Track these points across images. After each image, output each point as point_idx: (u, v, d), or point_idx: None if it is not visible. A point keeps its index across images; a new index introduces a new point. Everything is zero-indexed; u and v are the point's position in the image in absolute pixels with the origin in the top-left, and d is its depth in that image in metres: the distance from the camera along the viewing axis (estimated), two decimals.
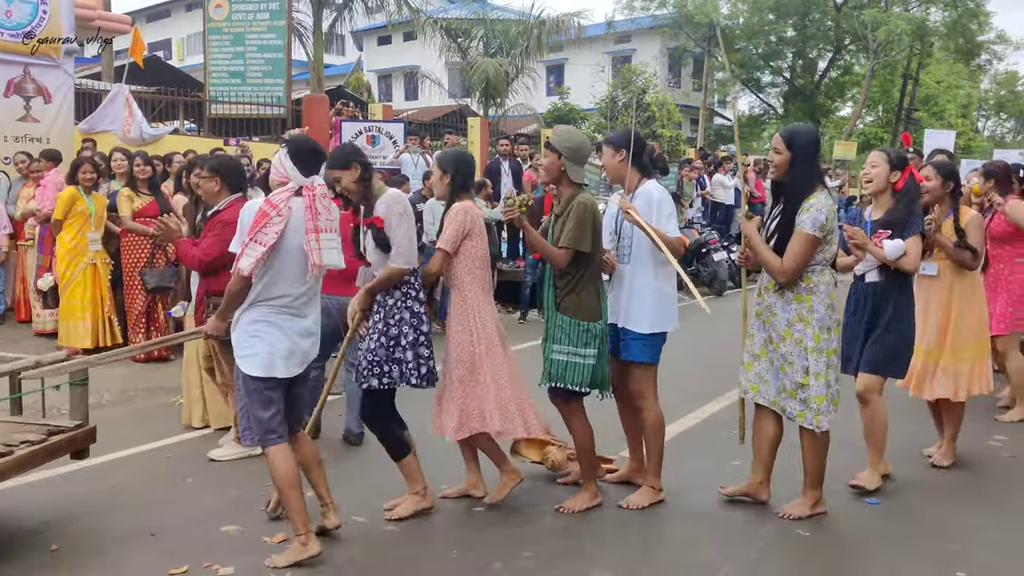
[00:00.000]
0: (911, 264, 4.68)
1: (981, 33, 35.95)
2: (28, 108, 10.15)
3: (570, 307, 4.38)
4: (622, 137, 4.67)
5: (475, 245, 4.47)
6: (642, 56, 37.15)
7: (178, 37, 44.68)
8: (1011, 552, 4.14)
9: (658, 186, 4.65)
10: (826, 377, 4.28)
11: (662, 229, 4.50)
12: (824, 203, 4.25)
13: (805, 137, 4.34)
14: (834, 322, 4.34)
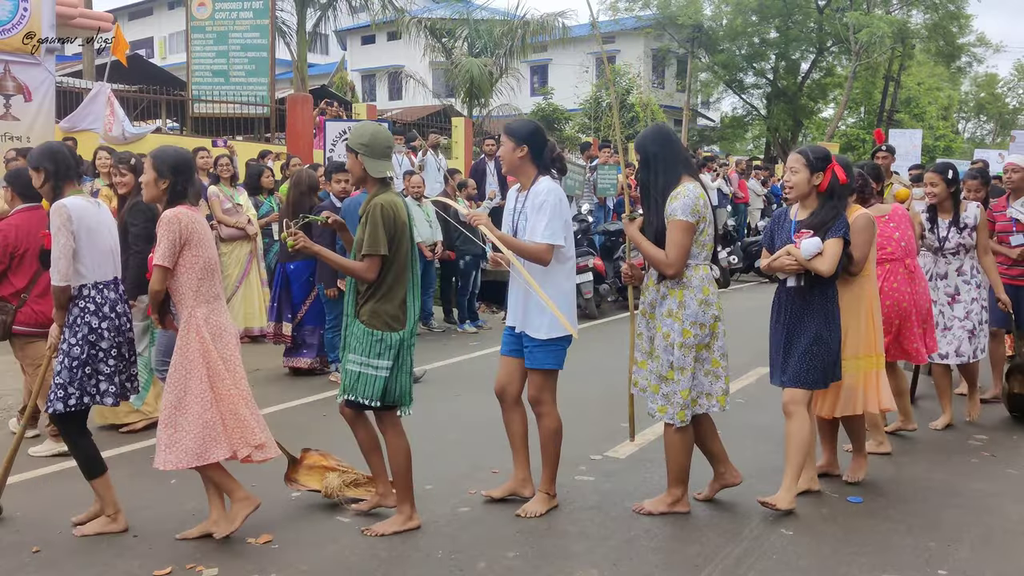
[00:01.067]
0: (825, 266, 4.42)
1: (962, 36, 36.29)
2: (8, 106, 10.08)
3: (365, 315, 4.16)
4: (524, 130, 4.47)
5: (195, 255, 4.08)
6: (626, 57, 37.22)
7: (160, 35, 44.44)
8: (991, 550, 4.18)
9: (550, 185, 4.43)
10: (692, 372, 4.31)
11: (536, 233, 4.34)
12: (692, 191, 4.29)
13: (654, 139, 4.44)
14: (711, 317, 4.32)
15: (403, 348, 4.17)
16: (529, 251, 4.35)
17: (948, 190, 6.08)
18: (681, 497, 4.52)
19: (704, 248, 4.36)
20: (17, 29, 9.95)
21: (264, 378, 7.89)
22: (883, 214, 5.48)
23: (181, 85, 17.19)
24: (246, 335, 9.09)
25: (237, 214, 8.98)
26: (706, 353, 4.36)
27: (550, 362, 4.45)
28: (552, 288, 4.36)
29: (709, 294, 4.34)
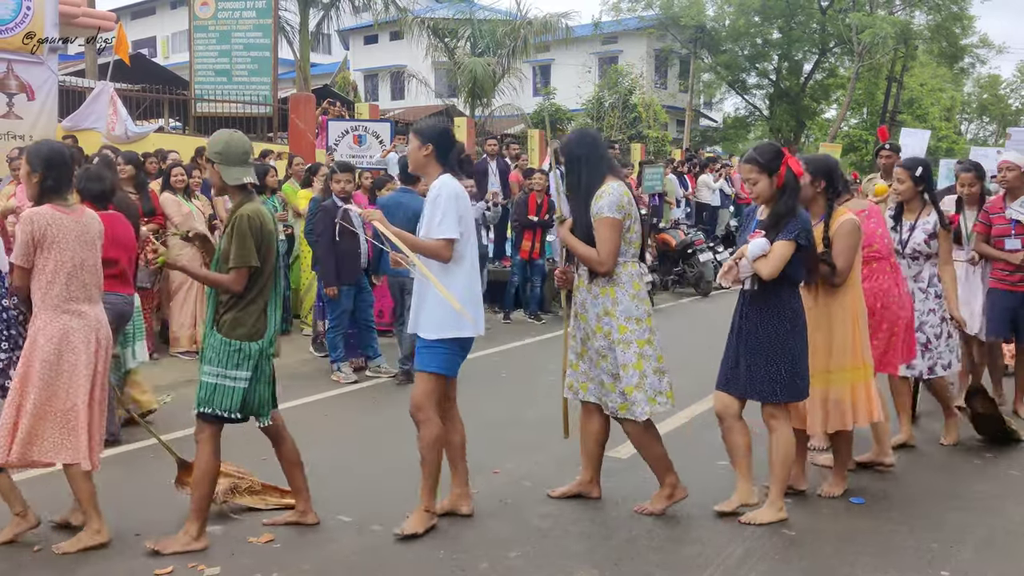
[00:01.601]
0: (765, 269, 4.20)
1: (964, 37, 36.29)
2: (11, 105, 10.06)
3: (224, 325, 4.03)
4: (430, 130, 4.37)
5: (46, 258, 3.95)
6: (628, 57, 37.21)
7: (163, 35, 44.42)
8: (994, 551, 4.18)
9: (445, 179, 4.28)
10: (639, 367, 4.31)
11: (431, 229, 4.22)
12: (616, 188, 4.31)
13: (579, 142, 4.49)
14: (643, 312, 4.34)
15: (262, 358, 4.08)
16: (426, 248, 4.24)
17: (915, 188, 5.57)
18: (676, 484, 4.53)
19: (632, 245, 4.38)
20: (20, 28, 9.93)
21: None
22: (862, 209, 5.06)
23: (184, 84, 17.20)
24: None
25: None
26: (650, 349, 4.36)
27: (433, 365, 4.24)
28: (450, 288, 4.20)
29: (639, 289, 4.36)
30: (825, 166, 4.65)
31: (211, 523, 4.29)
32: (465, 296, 4.25)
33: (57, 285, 3.99)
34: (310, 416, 6.60)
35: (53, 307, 3.99)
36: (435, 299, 4.20)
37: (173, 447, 4.67)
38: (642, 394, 4.33)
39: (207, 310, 4.17)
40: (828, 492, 4.78)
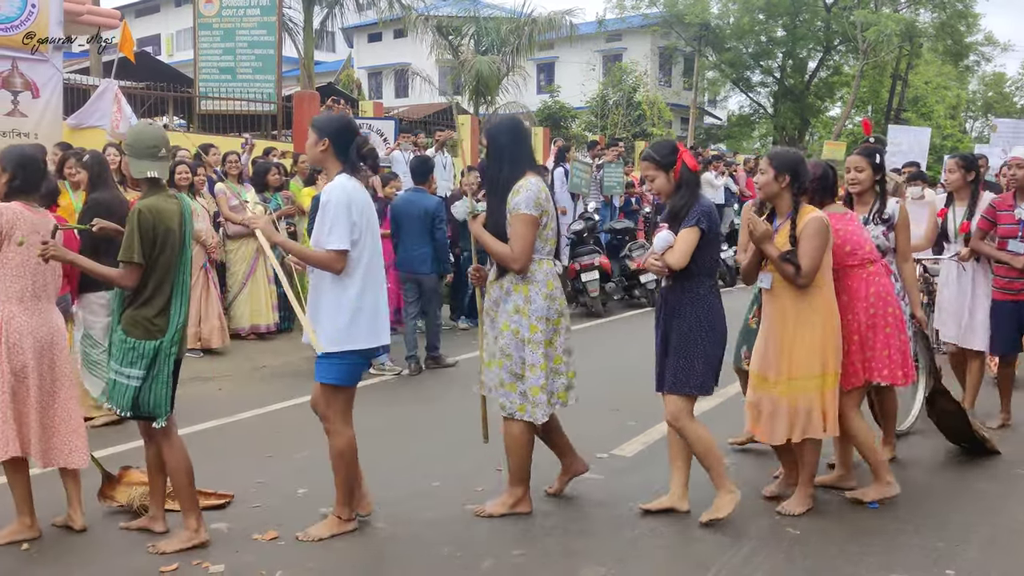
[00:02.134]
0: (672, 259, 4.19)
1: (969, 34, 36.20)
2: (16, 103, 10.07)
3: (124, 322, 3.96)
4: (328, 124, 4.14)
5: (13, 251, 3.97)
6: (633, 55, 37.18)
7: (167, 33, 44.46)
8: (999, 550, 4.17)
9: (339, 182, 4.02)
10: (544, 368, 4.24)
11: (320, 239, 3.98)
12: (534, 184, 4.23)
13: (507, 130, 4.37)
14: (555, 313, 4.28)
15: (160, 357, 3.95)
16: (316, 259, 4.02)
17: (874, 177, 5.12)
18: (523, 497, 4.42)
19: (547, 243, 4.30)
20: (25, 25, 9.94)
21: (270, 375, 7.90)
22: (846, 212, 4.76)
23: (188, 82, 17.20)
24: (252, 332, 9.12)
25: (244, 211, 8.99)
26: (550, 350, 4.30)
27: (331, 376, 4.07)
28: (341, 299, 4.00)
29: (553, 289, 4.28)
30: (790, 161, 4.40)
31: (215, 520, 4.30)
32: (354, 306, 4.01)
33: (20, 280, 4.01)
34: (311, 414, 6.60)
35: (19, 300, 4.02)
36: (329, 310, 4.01)
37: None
38: (545, 396, 4.25)
39: (112, 309, 4.11)
40: (788, 510, 4.48)
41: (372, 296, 4.10)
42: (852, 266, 4.60)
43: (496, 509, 4.41)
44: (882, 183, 5.15)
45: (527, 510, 4.43)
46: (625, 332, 10.26)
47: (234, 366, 8.13)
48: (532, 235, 4.21)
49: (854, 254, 4.59)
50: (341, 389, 4.12)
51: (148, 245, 3.91)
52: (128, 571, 3.86)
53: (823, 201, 4.63)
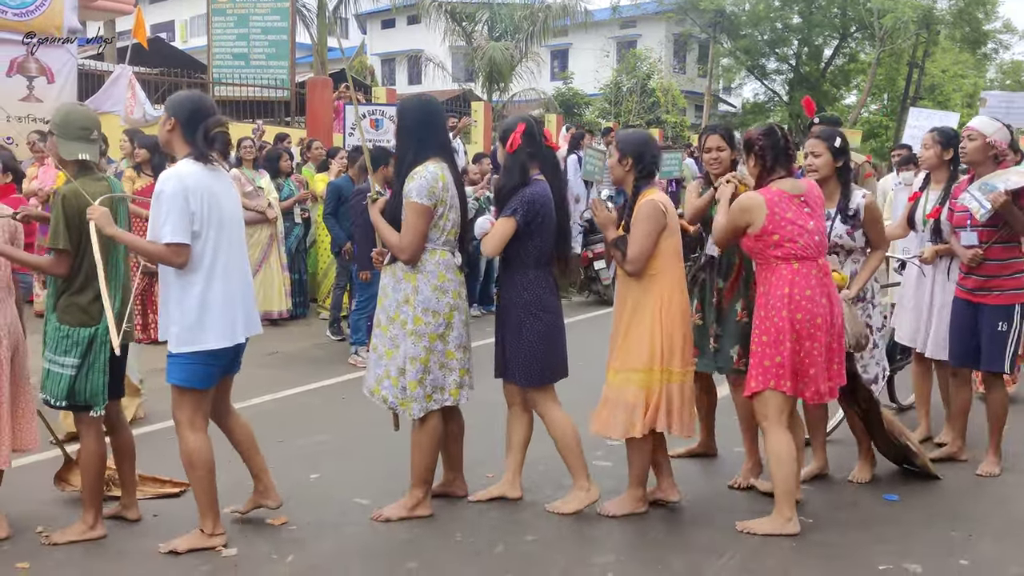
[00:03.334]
0: (485, 247, 4.11)
1: (987, 22, 35.79)
2: (31, 88, 10.12)
3: (59, 309, 3.85)
4: (177, 102, 3.88)
5: None
6: (647, 41, 36.99)
7: (181, 19, 44.49)
8: (1013, 541, 4.14)
9: (177, 173, 3.72)
10: (425, 362, 4.05)
11: (155, 231, 3.71)
12: (431, 172, 4.01)
13: (418, 109, 4.16)
14: (446, 306, 4.06)
15: (95, 344, 3.83)
16: (152, 253, 3.77)
17: (834, 164, 4.59)
18: (423, 499, 4.23)
19: (444, 232, 4.08)
20: (40, 11, 9.98)
21: (282, 360, 7.92)
22: (798, 192, 4.12)
23: (202, 68, 17.22)
24: (265, 318, 9.14)
25: (258, 197, 9.00)
26: (440, 344, 4.08)
27: (178, 377, 3.81)
28: (186, 295, 3.77)
29: (445, 280, 4.07)
30: (634, 143, 4.22)
31: (227, 505, 4.30)
32: (201, 303, 3.76)
33: None
34: (327, 399, 6.63)
35: None
36: (175, 308, 3.78)
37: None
38: (421, 391, 4.06)
39: (47, 295, 3.99)
40: (608, 511, 4.31)
41: (223, 292, 3.81)
42: (776, 258, 4.07)
43: (394, 512, 4.20)
44: (845, 172, 4.65)
45: (426, 513, 4.22)
46: None
47: (246, 351, 8.13)
48: (422, 225, 4.00)
49: (781, 246, 4.05)
50: (189, 391, 3.83)
51: (75, 230, 3.78)
52: (141, 551, 3.88)
53: (772, 170, 4.14)
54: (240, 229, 3.99)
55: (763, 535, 4.04)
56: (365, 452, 5.20)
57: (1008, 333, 4.79)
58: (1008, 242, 4.80)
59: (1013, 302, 4.80)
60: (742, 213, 4.10)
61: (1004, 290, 4.80)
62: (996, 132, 4.85)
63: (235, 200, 4.01)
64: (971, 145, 4.88)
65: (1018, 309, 4.80)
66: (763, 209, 4.04)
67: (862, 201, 4.62)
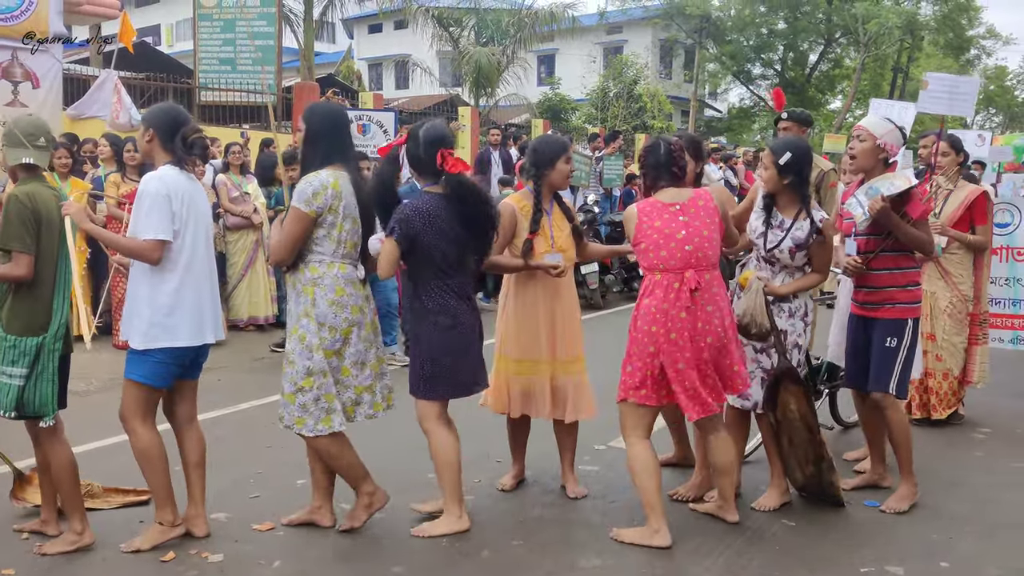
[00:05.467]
0: (380, 271, 4.01)
1: (971, 28, 36.17)
2: (16, 93, 10.09)
3: (4, 317, 3.79)
4: (153, 114, 3.94)
5: None
6: (633, 47, 37.11)
7: (167, 23, 44.35)
8: (993, 542, 4.19)
9: (160, 176, 3.82)
10: (324, 377, 3.94)
11: (136, 228, 3.79)
12: (320, 180, 3.90)
13: (324, 116, 4.09)
14: (344, 322, 3.93)
15: (43, 353, 3.78)
16: (131, 248, 3.81)
17: (780, 180, 4.32)
18: (373, 492, 4.17)
19: (340, 244, 3.96)
20: (25, 16, 9.95)
21: (268, 366, 7.91)
22: (674, 201, 4.02)
23: (188, 73, 17.18)
24: (251, 323, 9.14)
25: (244, 203, 9.00)
26: (336, 361, 3.98)
27: (138, 373, 3.83)
28: (158, 293, 3.81)
29: (343, 295, 3.95)
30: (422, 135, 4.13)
31: (215, 511, 4.32)
32: (171, 302, 3.81)
33: None
34: None
35: None
36: (144, 304, 3.81)
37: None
38: (316, 409, 3.96)
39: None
40: (575, 494, 4.63)
41: (194, 293, 3.88)
42: (644, 268, 4.07)
43: (356, 519, 4.17)
44: (797, 187, 4.33)
45: (382, 503, 4.19)
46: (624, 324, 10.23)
47: (233, 357, 8.14)
48: (296, 231, 3.90)
49: (646, 255, 4.01)
50: (146, 389, 3.86)
51: (29, 233, 3.75)
52: (127, 557, 3.87)
53: (655, 185, 4.09)
54: (211, 233, 4.07)
55: (628, 543, 4.02)
56: None
57: (896, 350, 4.42)
58: (898, 251, 4.44)
59: (905, 316, 4.43)
60: (624, 225, 4.17)
61: (896, 303, 4.44)
62: (887, 134, 4.46)
63: (208, 205, 4.07)
64: (860, 147, 4.48)
65: (910, 325, 4.45)
66: (634, 218, 4.06)
67: (807, 226, 4.32)
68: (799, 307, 4.43)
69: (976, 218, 5.87)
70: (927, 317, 5.83)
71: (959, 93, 5.30)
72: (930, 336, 5.91)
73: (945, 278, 5.90)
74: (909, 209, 4.39)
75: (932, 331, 5.92)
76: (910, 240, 4.41)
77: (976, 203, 5.85)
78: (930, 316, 5.88)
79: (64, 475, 3.92)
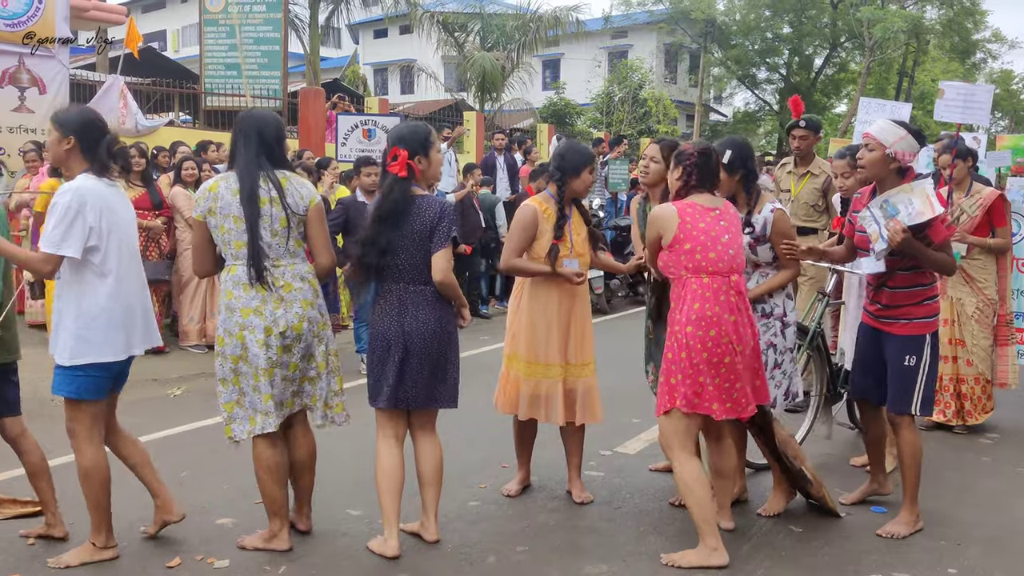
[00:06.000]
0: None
1: (976, 31, 36.10)
2: (23, 99, 10.13)
3: None
4: (72, 120, 3.81)
5: None
6: (638, 51, 37.14)
7: (173, 28, 44.52)
8: (1002, 549, 4.17)
9: (75, 186, 3.71)
10: (236, 383, 3.85)
11: (43, 237, 3.68)
12: (205, 184, 3.87)
13: (250, 121, 3.90)
14: (235, 326, 3.80)
15: None
16: (21, 260, 3.79)
17: (730, 179, 4.29)
18: (278, 532, 4.01)
19: (227, 246, 3.84)
20: (32, 21, 9.99)
21: None
22: (714, 206, 3.98)
23: (194, 78, 17.24)
24: None
25: None
26: (245, 366, 3.83)
27: (67, 389, 3.76)
28: (82, 307, 3.72)
29: (233, 299, 3.82)
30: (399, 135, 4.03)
31: (221, 516, 4.32)
32: (95, 315, 3.72)
33: None
34: None
35: None
36: (69, 318, 3.72)
37: (185, 439, 4.68)
38: (242, 411, 3.87)
39: None
40: (581, 499, 4.66)
41: (123, 304, 3.80)
42: (687, 270, 3.91)
43: (251, 542, 4.04)
44: (746, 182, 4.36)
45: (283, 547, 3.99)
46: (629, 329, 10.25)
47: None
48: (196, 239, 3.93)
49: (692, 257, 3.88)
50: (85, 403, 3.78)
51: None
52: (133, 564, 3.87)
53: (694, 188, 3.97)
54: (136, 241, 3.98)
55: (688, 568, 3.83)
56: (357, 462, 5.20)
57: (917, 368, 4.21)
58: (913, 268, 4.23)
59: (923, 332, 4.22)
60: (654, 223, 3.99)
61: (912, 318, 4.23)
62: (899, 141, 4.13)
63: (132, 213, 3.99)
64: (868, 157, 4.19)
65: (928, 340, 4.23)
66: (675, 218, 3.90)
67: (770, 215, 4.32)
68: (774, 307, 4.41)
69: (995, 220, 5.90)
70: (955, 323, 5.93)
71: (974, 101, 5.33)
72: (960, 342, 5.98)
73: (970, 284, 5.94)
74: (931, 233, 4.13)
75: (961, 336, 5.98)
76: (932, 265, 4.21)
77: (994, 206, 5.89)
78: (958, 322, 5.97)
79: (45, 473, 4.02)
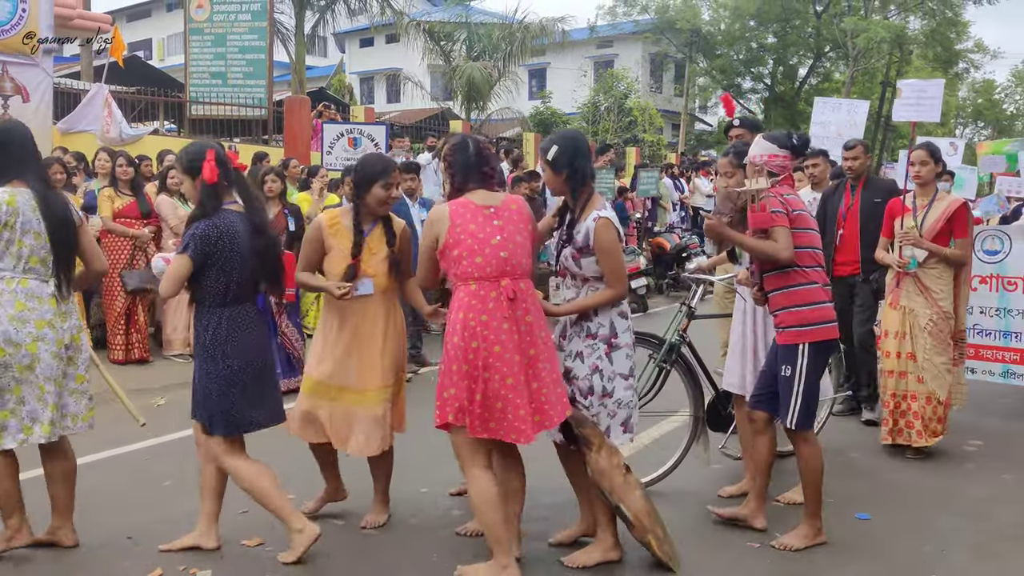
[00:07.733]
0: (163, 289, 3.90)
1: (959, 42, 36.50)
2: (6, 107, 10.05)
3: None
4: None
5: None
6: (624, 61, 37.31)
7: (158, 37, 44.43)
8: (986, 556, 4.19)
9: None
10: (16, 392, 3.84)
11: None
12: None
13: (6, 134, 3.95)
14: (26, 336, 3.80)
15: None
16: None
17: (556, 178, 3.88)
18: (19, 527, 3.98)
19: (21, 260, 3.82)
20: (16, 30, 9.92)
21: None
22: (488, 204, 3.68)
23: (179, 87, 17.19)
24: None
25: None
26: (31, 375, 3.83)
27: None
28: None
29: (25, 310, 3.81)
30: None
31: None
32: None
33: None
34: None
35: None
36: None
37: (169, 448, 4.66)
38: (16, 421, 3.85)
39: None
40: (372, 521, 4.39)
41: None
42: (456, 277, 3.66)
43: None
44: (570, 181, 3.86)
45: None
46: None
47: None
48: None
49: (460, 263, 3.62)
50: None
51: None
52: (115, 574, 3.85)
53: (464, 187, 3.72)
54: None
55: None
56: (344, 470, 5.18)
57: (791, 380, 4.05)
58: (777, 270, 4.06)
59: (796, 341, 4.05)
60: (430, 228, 3.70)
61: (785, 326, 4.07)
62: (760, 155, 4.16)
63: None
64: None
65: (804, 350, 4.04)
66: (446, 221, 3.62)
67: (592, 225, 3.79)
68: (599, 327, 3.88)
69: (956, 230, 5.56)
70: (906, 335, 5.57)
71: (926, 97, 5.24)
72: (910, 355, 5.57)
73: (924, 294, 5.54)
74: (749, 218, 4.01)
75: (912, 350, 5.56)
76: (753, 252, 4.04)
77: (956, 215, 5.53)
78: (910, 334, 5.56)
79: None
